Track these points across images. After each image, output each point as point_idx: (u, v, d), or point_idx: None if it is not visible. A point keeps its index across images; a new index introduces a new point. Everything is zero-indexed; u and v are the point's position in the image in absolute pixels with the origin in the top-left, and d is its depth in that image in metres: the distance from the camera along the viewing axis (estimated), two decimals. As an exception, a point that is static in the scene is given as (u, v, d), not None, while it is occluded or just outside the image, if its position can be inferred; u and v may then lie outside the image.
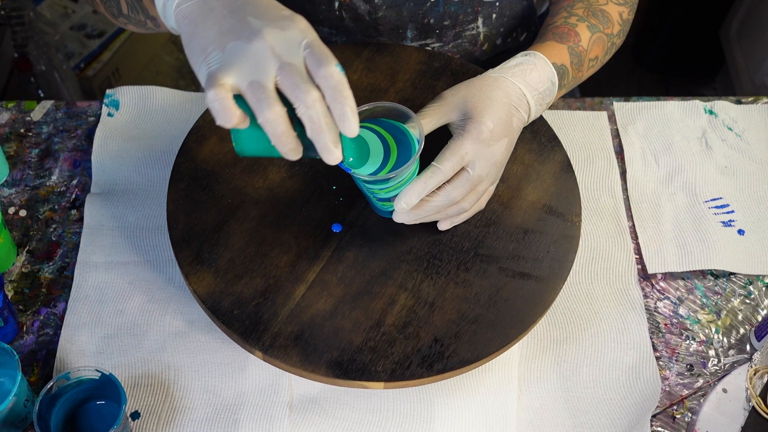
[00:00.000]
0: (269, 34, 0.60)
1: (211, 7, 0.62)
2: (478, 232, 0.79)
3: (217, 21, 0.62)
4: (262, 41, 0.60)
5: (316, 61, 0.59)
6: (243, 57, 0.60)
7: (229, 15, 0.62)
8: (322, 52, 0.60)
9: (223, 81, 0.59)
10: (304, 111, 0.59)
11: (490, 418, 0.78)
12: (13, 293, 0.85)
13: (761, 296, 0.88)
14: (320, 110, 0.59)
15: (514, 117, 0.75)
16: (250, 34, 0.60)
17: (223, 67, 0.60)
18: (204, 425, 0.77)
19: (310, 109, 0.59)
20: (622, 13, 0.88)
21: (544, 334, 0.83)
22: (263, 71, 0.59)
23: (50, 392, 0.72)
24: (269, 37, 0.60)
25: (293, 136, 0.61)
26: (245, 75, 0.59)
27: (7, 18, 1.69)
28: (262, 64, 0.59)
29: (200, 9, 0.63)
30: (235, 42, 0.60)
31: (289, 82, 0.59)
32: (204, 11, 0.63)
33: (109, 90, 1.02)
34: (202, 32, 0.62)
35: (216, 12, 0.62)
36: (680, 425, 0.79)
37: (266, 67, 0.59)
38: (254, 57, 0.60)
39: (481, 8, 0.96)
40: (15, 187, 0.93)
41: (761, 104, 1.04)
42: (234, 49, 0.60)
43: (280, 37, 0.60)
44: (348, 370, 0.70)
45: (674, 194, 0.95)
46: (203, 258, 0.76)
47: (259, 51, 0.59)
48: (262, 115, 0.59)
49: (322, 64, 0.59)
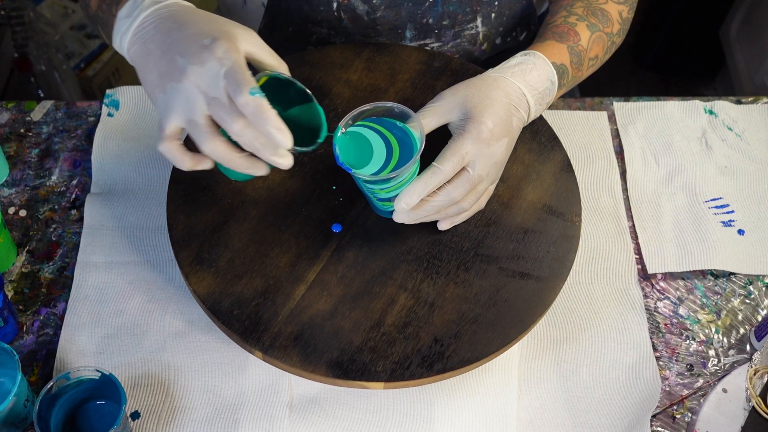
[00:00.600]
0: (193, 72, 0.64)
1: (149, 50, 0.67)
2: (478, 232, 0.79)
3: (155, 64, 0.67)
4: (188, 81, 0.64)
5: (232, 92, 0.63)
6: (179, 98, 0.65)
7: (162, 56, 0.66)
8: (236, 80, 0.63)
9: (168, 131, 0.66)
10: (237, 138, 0.64)
11: (490, 418, 0.78)
12: (13, 293, 0.85)
13: (761, 296, 0.88)
14: (249, 135, 0.63)
15: (514, 117, 0.75)
16: (179, 75, 0.65)
17: (165, 112, 0.66)
18: (204, 425, 0.77)
19: (240, 136, 0.63)
20: (622, 12, 0.88)
21: (544, 334, 0.83)
22: (194, 109, 0.64)
23: (50, 392, 0.72)
24: (193, 76, 0.64)
25: (240, 156, 0.66)
26: (183, 115, 0.65)
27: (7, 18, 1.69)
28: (192, 102, 0.64)
29: (142, 53, 0.68)
30: (171, 84, 0.65)
31: (217, 117, 0.64)
32: (145, 55, 0.68)
33: (109, 90, 1.02)
34: (146, 77, 0.68)
35: (153, 54, 0.67)
36: (680, 425, 0.79)
37: (196, 104, 0.64)
38: (185, 97, 0.65)
39: (479, 8, 0.96)
40: (15, 187, 0.93)
41: (761, 104, 1.04)
42: (171, 90, 0.65)
43: (202, 73, 0.64)
44: (348, 371, 0.70)
45: (674, 194, 0.95)
46: (203, 258, 0.76)
47: (188, 90, 0.64)
48: (203, 151, 0.65)
49: (236, 95, 0.62)
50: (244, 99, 0.62)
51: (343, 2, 0.93)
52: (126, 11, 0.70)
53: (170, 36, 0.66)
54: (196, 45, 0.65)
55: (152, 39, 0.67)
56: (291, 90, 0.70)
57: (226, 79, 0.63)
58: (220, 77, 0.63)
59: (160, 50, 0.66)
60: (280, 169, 0.83)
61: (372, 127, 0.73)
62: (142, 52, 0.68)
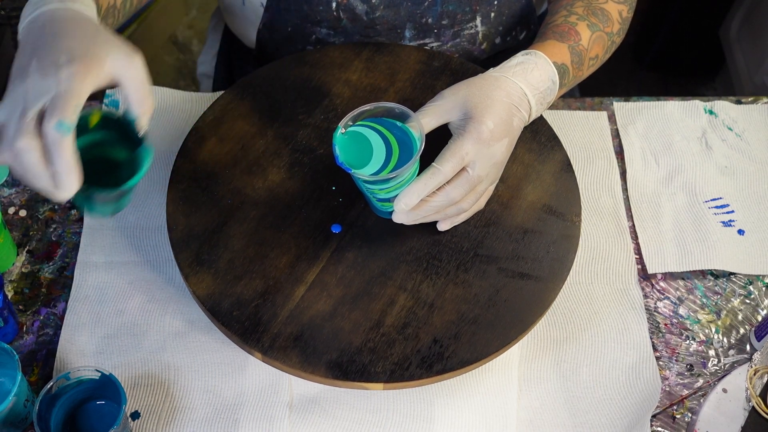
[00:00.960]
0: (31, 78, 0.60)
1: (22, 44, 0.64)
2: (478, 232, 0.79)
3: (19, 57, 0.63)
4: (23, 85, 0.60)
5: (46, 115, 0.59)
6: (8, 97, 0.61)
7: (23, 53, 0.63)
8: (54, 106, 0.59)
9: None
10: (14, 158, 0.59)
11: (490, 418, 0.78)
12: (13, 293, 0.85)
13: (761, 296, 0.88)
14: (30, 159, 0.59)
15: (514, 117, 0.75)
16: (22, 77, 0.61)
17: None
18: (204, 425, 0.77)
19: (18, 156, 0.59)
20: (622, 12, 0.88)
21: (544, 334, 0.83)
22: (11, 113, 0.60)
23: (50, 392, 0.72)
24: (29, 82, 0.60)
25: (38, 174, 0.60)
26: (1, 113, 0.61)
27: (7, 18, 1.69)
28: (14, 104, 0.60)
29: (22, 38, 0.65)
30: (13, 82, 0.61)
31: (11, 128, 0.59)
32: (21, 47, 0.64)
33: (109, 90, 1.01)
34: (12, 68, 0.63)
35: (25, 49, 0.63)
36: (680, 425, 0.79)
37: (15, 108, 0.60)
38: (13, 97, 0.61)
39: (479, 7, 0.96)
40: (15, 187, 0.93)
41: (761, 104, 1.04)
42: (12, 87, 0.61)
43: (37, 83, 0.60)
44: (347, 371, 0.70)
45: (674, 194, 0.95)
46: (203, 259, 0.76)
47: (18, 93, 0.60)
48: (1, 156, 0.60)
49: (46, 119, 0.59)
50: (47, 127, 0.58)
51: (342, 2, 0.93)
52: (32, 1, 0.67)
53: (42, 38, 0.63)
54: (52, 56, 0.61)
55: (29, 34, 0.64)
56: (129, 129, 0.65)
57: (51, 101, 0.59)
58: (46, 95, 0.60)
59: (30, 48, 0.63)
60: (279, 170, 0.83)
61: (372, 127, 0.73)
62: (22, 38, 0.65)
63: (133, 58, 0.63)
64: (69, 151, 0.59)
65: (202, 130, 0.85)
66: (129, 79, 0.63)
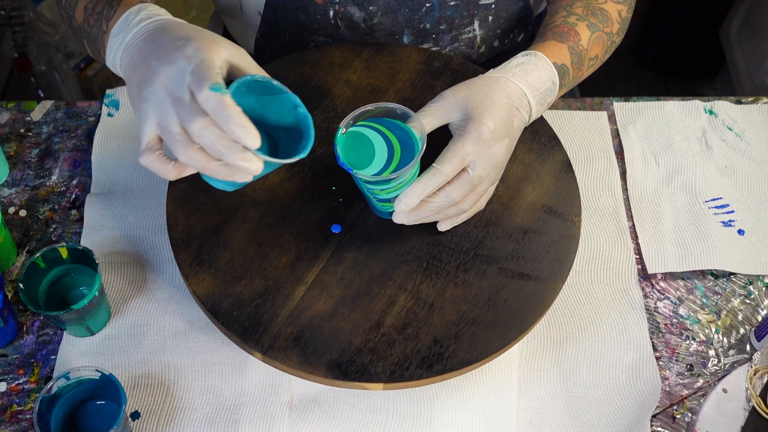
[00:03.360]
0: (162, 73, 0.61)
1: (134, 62, 0.66)
2: (478, 232, 0.79)
3: (137, 73, 0.64)
4: (158, 83, 0.62)
5: (194, 89, 0.59)
6: (151, 104, 0.62)
7: (143, 63, 0.64)
8: (198, 76, 0.59)
9: (146, 142, 0.62)
10: (199, 140, 0.60)
11: (490, 418, 0.78)
12: (13, 293, 0.85)
13: (761, 296, 0.88)
14: (210, 135, 0.59)
15: (515, 117, 0.75)
16: (152, 78, 0.62)
17: (141, 122, 0.63)
18: (204, 425, 0.77)
19: (201, 137, 0.59)
20: (621, 12, 0.88)
21: (544, 335, 0.83)
22: (165, 114, 0.61)
23: (50, 392, 0.72)
24: (162, 77, 0.61)
25: (219, 164, 0.61)
26: (155, 122, 0.62)
27: (7, 18, 1.69)
28: (162, 106, 0.61)
29: (129, 65, 0.67)
30: (146, 89, 0.62)
31: (180, 118, 0.60)
32: (131, 66, 0.66)
33: (109, 90, 1.02)
34: (131, 87, 0.65)
35: (137, 64, 0.65)
36: (680, 425, 0.79)
37: (165, 107, 0.61)
38: (156, 101, 0.61)
39: (476, 11, 0.95)
40: (15, 187, 0.93)
41: (761, 104, 1.04)
42: (146, 96, 0.62)
43: (170, 73, 0.61)
44: (347, 372, 0.70)
45: (674, 194, 0.95)
46: (203, 259, 0.76)
47: (158, 93, 0.61)
48: (180, 159, 0.61)
49: (197, 91, 0.59)
50: (203, 95, 0.58)
51: (339, 10, 0.93)
52: (118, 28, 0.69)
53: (152, 44, 0.65)
54: (170, 47, 0.63)
55: (138, 50, 0.66)
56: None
57: (190, 76, 0.60)
58: (186, 75, 0.60)
59: (142, 58, 0.65)
60: (279, 170, 0.83)
61: (374, 128, 0.73)
62: (129, 64, 0.66)
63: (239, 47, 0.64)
64: (235, 107, 0.59)
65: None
66: (245, 61, 0.64)
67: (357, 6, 0.93)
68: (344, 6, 0.93)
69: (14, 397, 0.79)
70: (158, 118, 0.62)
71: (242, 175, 0.62)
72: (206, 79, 0.59)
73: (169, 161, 0.63)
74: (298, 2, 0.94)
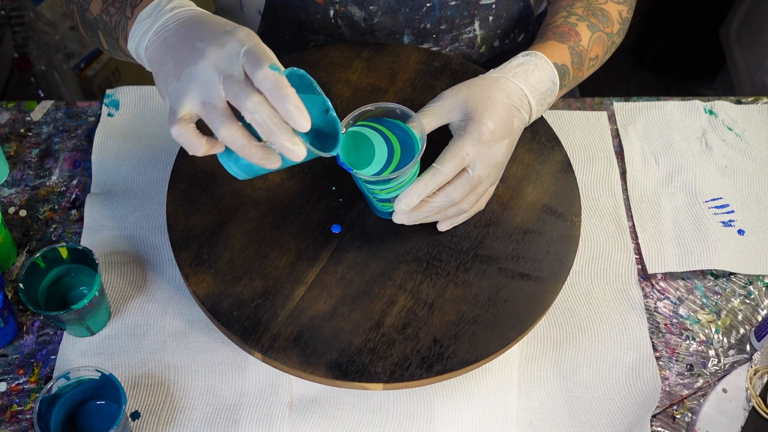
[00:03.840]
0: (211, 53, 0.62)
1: (169, 44, 0.66)
2: (478, 232, 0.79)
3: (173, 55, 0.64)
4: (206, 61, 0.62)
5: (251, 67, 0.60)
6: (194, 81, 0.62)
7: (182, 45, 0.64)
8: (256, 55, 0.60)
9: (181, 113, 0.62)
10: (250, 117, 0.60)
11: (490, 418, 0.78)
12: (13, 293, 0.85)
13: (761, 296, 0.88)
14: (264, 112, 0.59)
15: (515, 118, 0.75)
16: (197, 57, 0.62)
17: (179, 97, 0.62)
18: (204, 425, 0.77)
19: (254, 113, 0.60)
20: (621, 12, 0.88)
21: (544, 334, 0.83)
22: (211, 90, 0.61)
23: (50, 392, 0.72)
24: (211, 56, 0.62)
25: (257, 146, 0.62)
26: (198, 98, 0.62)
27: (7, 18, 1.69)
28: (208, 83, 0.61)
29: (161, 47, 0.66)
30: (188, 68, 0.62)
31: (231, 93, 0.61)
32: (164, 48, 0.66)
33: (109, 90, 1.02)
34: (163, 67, 0.65)
35: (173, 46, 0.65)
36: (680, 425, 0.79)
37: (212, 84, 0.61)
38: (202, 78, 0.62)
39: (477, 11, 0.95)
40: (15, 187, 0.93)
41: (761, 104, 1.04)
42: (186, 75, 0.63)
43: (220, 53, 0.62)
44: (347, 372, 0.70)
45: (674, 194, 0.95)
46: (203, 259, 0.76)
47: (204, 71, 0.62)
48: (219, 135, 0.61)
49: (255, 68, 0.60)
50: (263, 72, 0.59)
51: (340, 9, 0.93)
52: (147, 13, 0.69)
53: (191, 29, 0.65)
54: (218, 29, 0.63)
55: (174, 33, 0.66)
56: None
57: (245, 56, 0.61)
58: (239, 56, 0.61)
59: (180, 41, 0.65)
60: (279, 170, 0.82)
61: (374, 127, 0.73)
62: (161, 46, 0.66)
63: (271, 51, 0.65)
64: (291, 88, 0.59)
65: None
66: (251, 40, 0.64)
67: (357, 5, 0.93)
68: (344, 5, 0.93)
69: (14, 397, 0.79)
70: (202, 94, 0.62)
71: (275, 160, 0.62)
72: (265, 59, 0.60)
73: (201, 136, 0.63)
74: (298, 1, 0.94)
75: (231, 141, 0.61)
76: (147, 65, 0.69)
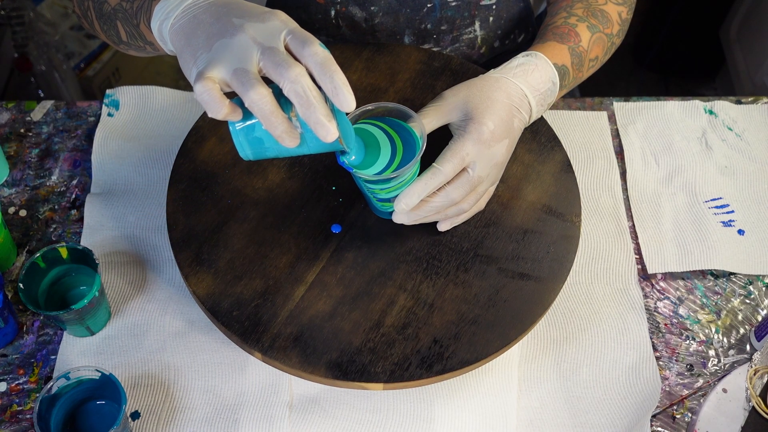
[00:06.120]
0: (251, 27, 0.61)
1: (200, 20, 0.64)
2: (478, 232, 0.79)
3: (204, 29, 0.63)
4: (244, 34, 0.61)
5: (299, 43, 0.60)
6: (227, 51, 0.61)
7: (215, 21, 0.63)
8: (305, 34, 0.60)
9: (209, 74, 0.60)
10: (290, 87, 0.59)
11: (490, 418, 0.78)
12: (13, 293, 0.85)
13: (761, 296, 0.88)
14: (306, 83, 0.59)
15: (515, 118, 0.75)
16: (233, 31, 0.61)
17: (210, 63, 0.61)
18: (204, 425, 0.77)
19: (295, 83, 0.58)
20: (621, 13, 0.88)
21: (544, 334, 0.83)
22: (246, 58, 0.60)
23: (50, 392, 0.72)
24: (251, 30, 0.61)
25: (283, 116, 0.60)
26: (230, 65, 0.60)
27: (7, 18, 1.69)
28: (244, 52, 0.60)
29: (190, 23, 0.65)
30: (221, 40, 0.62)
31: (271, 63, 0.59)
32: (193, 24, 0.64)
33: (109, 90, 1.02)
34: (192, 41, 0.64)
35: (204, 23, 0.64)
36: (680, 425, 0.79)
37: (248, 54, 0.60)
38: (237, 48, 0.61)
39: (477, 12, 0.95)
40: (15, 187, 0.93)
41: (761, 104, 1.04)
42: (219, 46, 0.62)
43: (261, 28, 0.61)
44: (347, 372, 0.70)
45: (674, 194, 0.95)
46: (203, 259, 0.76)
47: (242, 42, 0.61)
48: (247, 98, 0.59)
49: (305, 44, 0.60)
50: (313, 48, 0.59)
51: (341, 10, 0.93)
52: None
53: (226, 7, 0.64)
54: (257, 10, 0.63)
55: (206, 11, 0.65)
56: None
57: (291, 34, 0.61)
58: (282, 33, 0.61)
59: (214, 17, 0.64)
60: (279, 170, 0.83)
61: (378, 125, 0.73)
62: (191, 22, 0.65)
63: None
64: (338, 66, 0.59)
65: (202, 130, 0.85)
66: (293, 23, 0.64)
67: (358, 6, 0.93)
68: (345, 6, 0.93)
69: (14, 397, 0.79)
70: (235, 62, 0.60)
71: (294, 136, 0.61)
72: (313, 38, 0.60)
73: (225, 97, 0.61)
74: (299, 2, 0.94)
75: (260, 105, 0.59)
76: (169, 44, 0.68)
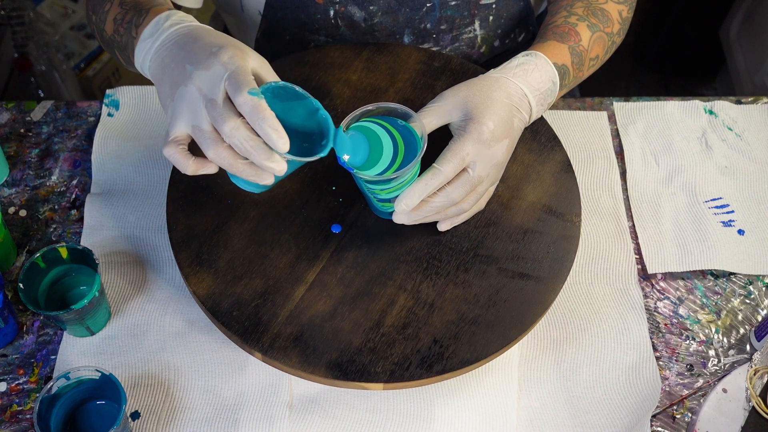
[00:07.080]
0: (197, 77, 0.66)
1: (165, 64, 0.70)
2: (478, 232, 0.79)
3: (169, 74, 0.69)
4: (192, 85, 0.66)
5: (232, 92, 0.64)
6: (185, 102, 0.66)
7: (175, 66, 0.68)
8: (237, 81, 0.64)
9: (173, 136, 0.67)
10: (229, 141, 0.64)
11: (490, 418, 0.78)
12: (13, 293, 0.85)
13: (761, 296, 0.88)
14: (240, 136, 0.63)
15: (515, 117, 0.75)
16: (186, 80, 0.66)
17: (172, 119, 0.67)
18: (204, 425, 0.77)
19: (231, 137, 0.64)
20: (622, 12, 0.88)
21: (544, 334, 0.83)
22: (198, 114, 0.66)
23: (50, 392, 0.72)
24: (197, 80, 0.66)
25: (244, 163, 0.65)
26: (188, 121, 0.66)
27: (7, 18, 1.69)
28: (195, 107, 0.66)
29: (159, 67, 0.71)
30: (179, 89, 0.67)
31: (212, 117, 0.65)
32: (161, 68, 0.70)
33: (109, 90, 1.02)
34: (161, 88, 0.70)
35: (168, 66, 0.69)
36: (680, 425, 0.79)
37: (199, 109, 0.65)
38: (190, 102, 0.66)
39: (477, 11, 0.95)
40: (15, 187, 0.93)
41: (761, 104, 1.04)
42: (179, 95, 0.67)
43: (204, 77, 0.66)
44: (347, 372, 0.70)
45: (674, 194, 0.95)
46: (203, 259, 0.76)
47: (192, 95, 0.66)
48: (209, 156, 0.66)
49: (235, 94, 0.63)
50: (242, 98, 0.63)
51: (340, 10, 0.93)
52: (148, 32, 0.73)
53: (184, 49, 0.69)
54: (204, 53, 0.67)
55: (169, 53, 0.70)
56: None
57: (228, 81, 0.64)
58: (222, 80, 0.64)
59: (174, 62, 0.68)
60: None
61: (381, 124, 0.73)
62: (160, 66, 0.70)
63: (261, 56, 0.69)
64: (269, 111, 0.63)
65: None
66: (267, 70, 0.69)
67: (357, 6, 0.93)
68: (344, 6, 0.93)
69: (14, 397, 0.79)
70: (192, 119, 0.66)
71: (266, 176, 0.66)
72: (245, 84, 0.63)
73: (190, 156, 0.67)
74: (298, 2, 0.94)
75: (219, 161, 0.65)
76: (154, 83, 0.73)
